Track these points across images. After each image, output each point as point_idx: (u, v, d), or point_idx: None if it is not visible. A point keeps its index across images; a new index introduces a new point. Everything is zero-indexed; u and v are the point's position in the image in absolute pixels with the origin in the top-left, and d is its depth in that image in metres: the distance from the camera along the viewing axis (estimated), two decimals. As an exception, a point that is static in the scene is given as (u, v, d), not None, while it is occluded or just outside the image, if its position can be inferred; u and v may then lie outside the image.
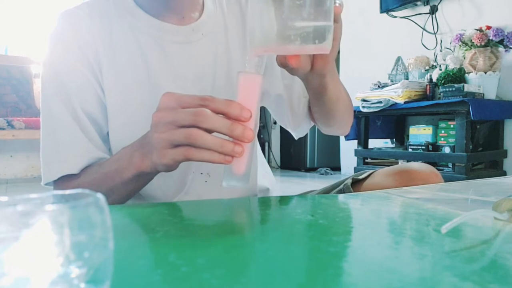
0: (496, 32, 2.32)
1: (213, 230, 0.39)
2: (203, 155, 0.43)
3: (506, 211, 0.39)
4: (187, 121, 0.43)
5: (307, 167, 4.20)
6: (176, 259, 0.29)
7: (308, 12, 0.40)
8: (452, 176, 2.28)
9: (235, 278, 0.25)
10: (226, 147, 0.42)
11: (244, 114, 0.42)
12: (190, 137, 0.42)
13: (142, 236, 0.37)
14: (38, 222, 0.17)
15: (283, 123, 0.84)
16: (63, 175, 0.62)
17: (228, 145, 0.42)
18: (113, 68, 0.65)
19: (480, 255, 0.30)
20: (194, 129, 0.42)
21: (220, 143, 0.42)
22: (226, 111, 0.42)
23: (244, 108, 0.42)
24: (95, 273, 0.18)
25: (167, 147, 0.45)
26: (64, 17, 0.66)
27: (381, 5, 3.15)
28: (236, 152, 0.42)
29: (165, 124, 0.44)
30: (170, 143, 0.44)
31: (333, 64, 0.54)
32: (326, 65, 0.50)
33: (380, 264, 0.28)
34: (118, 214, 0.46)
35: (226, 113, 0.42)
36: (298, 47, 0.40)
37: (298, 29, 0.40)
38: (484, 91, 2.40)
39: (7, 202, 0.19)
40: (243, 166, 0.44)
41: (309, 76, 0.54)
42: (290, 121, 0.80)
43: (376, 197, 0.55)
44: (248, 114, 0.42)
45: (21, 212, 0.17)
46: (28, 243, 0.17)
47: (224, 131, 0.42)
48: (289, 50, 0.42)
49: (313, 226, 0.40)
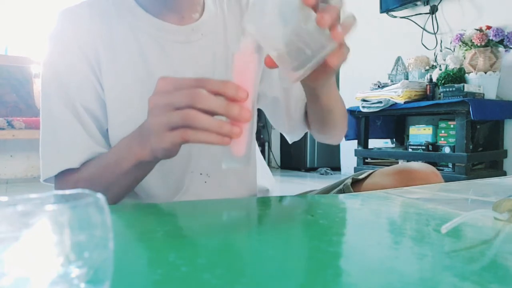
0: (496, 32, 2.32)
1: (213, 230, 0.39)
2: (200, 136, 0.42)
3: (506, 211, 0.39)
4: (183, 102, 0.42)
5: (307, 167, 4.19)
6: (176, 259, 0.29)
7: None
8: (452, 176, 2.28)
9: (235, 278, 0.25)
10: (224, 128, 0.41)
11: (240, 93, 0.42)
12: (187, 118, 0.42)
13: (142, 236, 0.37)
14: (38, 222, 0.17)
15: (278, 126, 0.84)
16: (63, 170, 0.61)
17: (226, 126, 0.42)
18: (113, 67, 0.65)
19: (480, 255, 0.30)
20: (190, 110, 0.42)
21: (218, 124, 0.41)
22: (222, 91, 0.42)
23: (240, 88, 0.42)
24: (95, 273, 0.18)
25: (165, 130, 0.44)
26: (64, 15, 0.66)
27: (381, 5, 3.15)
28: (234, 132, 0.42)
29: (162, 107, 0.44)
30: (167, 126, 0.44)
31: (326, 78, 0.53)
32: (315, 81, 0.51)
33: (380, 264, 0.28)
34: (118, 214, 0.46)
35: (221, 93, 0.42)
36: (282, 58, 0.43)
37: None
38: (484, 91, 2.40)
39: (7, 202, 0.19)
40: (242, 147, 0.43)
41: (301, 82, 0.54)
42: (285, 125, 0.80)
43: (376, 197, 0.55)
44: (244, 93, 0.42)
45: (21, 212, 0.17)
46: (28, 243, 0.17)
47: (220, 111, 0.42)
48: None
49: (313, 226, 0.40)
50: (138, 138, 0.52)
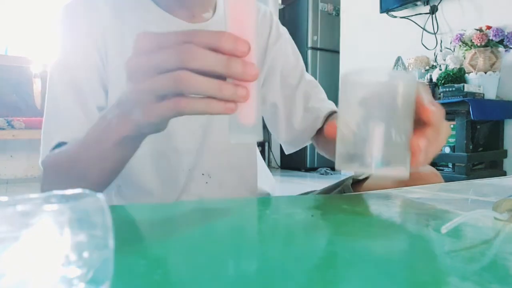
0: (496, 32, 2.32)
1: (213, 230, 0.39)
2: (198, 105, 0.35)
3: (506, 211, 0.39)
4: (171, 62, 0.34)
5: (307, 167, 4.19)
6: (176, 259, 0.29)
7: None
8: (452, 176, 2.28)
9: (235, 278, 0.25)
10: (226, 90, 0.34)
11: (240, 46, 0.33)
12: (178, 81, 0.34)
13: (142, 236, 0.37)
14: (38, 222, 0.17)
15: (275, 134, 0.83)
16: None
17: (229, 88, 0.34)
18: (121, 57, 0.65)
19: (480, 255, 0.30)
20: (181, 71, 0.33)
21: (218, 86, 0.34)
22: (217, 45, 0.33)
23: (238, 39, 0.33)
24: (95, 273, 0.18)
25: (152, 100, 0.36)
26: (77, 1, 0.66)
27: (381, 5, 3.15)
28: (239, 95, 0.34)
29: (145, 71, 0.35)
30: (154, 94, 0.36)
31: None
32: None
33: (380, 264, 0.28)
34: (118, 214, 0.46)
35: (217, 47, 0.33)
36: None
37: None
38: (484, 91, 2.40)
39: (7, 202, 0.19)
40: (251, 113, 0.36)
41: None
42: (283, 133, 0.80)
43: (376, 197, 0.55)
44: (245, 45, 0.33)
45: (21, 212, 0.17)
46: (28, 243, 0.17)
47: (219, 69, 0.33)
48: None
49: (313, 226, 0.40)
50: (118, 110, 0.43)
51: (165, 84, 0.34)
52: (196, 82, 0.33)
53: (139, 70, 0.36)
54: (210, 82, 0.34)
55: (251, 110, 0.36)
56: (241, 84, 0.34)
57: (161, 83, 0.34)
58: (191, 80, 0.33)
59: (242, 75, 0.34)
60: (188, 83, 0.33)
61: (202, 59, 0.33)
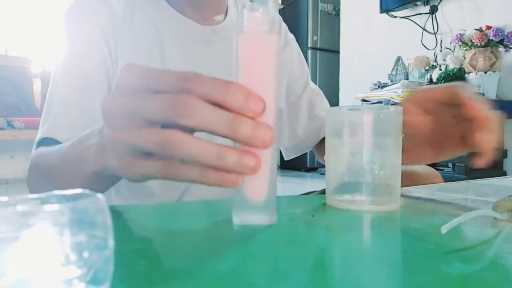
0: (496, 32, 2.32)
1: (213, 230, 0.39)
2: (190, 173, 0.28)
3: (506, 211, 0.39)
4: (161, 114, 0.27)
5: (307, 167, 4.19)
6: (176, 259, 0.29)
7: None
8: (452, 176, 2.28)
9: (236, 278, 0.25)
10: (229, 158, 0.26)
11: (253, 104, 0.26)
12: (167, 143, 0.26)
13: (142, 236, 0.37)
14: (38, 222, 0.17)
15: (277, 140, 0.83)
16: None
17: (232, 155, 0.26)
18: (130, 54, 0.65)
19: (480, 255, 0.30)
20: (172, 132, 0.26)
21: (218, 152, 0.26)
22: (223, 98, 0.26)
23: (251, 94, 0.26)
24: (95, 274, 0.18)
25: (130, 155, 0.30)
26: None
27: (381, 5, 3.15)
28: (246, 165, 0.26)
29: (126, 116, 0.28)
30: (135, 150, 0.29)
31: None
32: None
33: (379, 264, 0.28)
34: (118, 214, 0.46)
35: (222, 102, 0.26)
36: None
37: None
38: (484, 91, 2.40)
39: (7, 202, 0.19)
40: (262, 187, 0.29)
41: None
42: (286, 139, 0.80)
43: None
44: (259, 104, 0.26)
45: (21, 212, 0.17)
46: (28, 243, 0.17)
47: (222, 130, 0.26)
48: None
49: (313, 226, 0.40)
50: (99, 140, 0.36)
51: (149, 142, 0.27)
52: (189, 147, 0.26)
53: (120, 113, 0.29)
54: (208, 148, 0.26)
55: (262, 183, 0.29)
56: (250, 152, 0.27)
57: (146, 140, 0.27)
58: (183, 144, 0.26)
59: (252, 140, 0.26)
60: (179, 147, 0.26)
61: (201, 116, 0.26)
